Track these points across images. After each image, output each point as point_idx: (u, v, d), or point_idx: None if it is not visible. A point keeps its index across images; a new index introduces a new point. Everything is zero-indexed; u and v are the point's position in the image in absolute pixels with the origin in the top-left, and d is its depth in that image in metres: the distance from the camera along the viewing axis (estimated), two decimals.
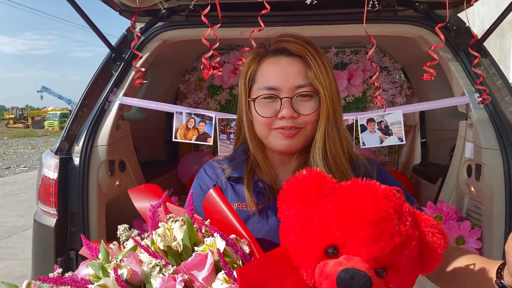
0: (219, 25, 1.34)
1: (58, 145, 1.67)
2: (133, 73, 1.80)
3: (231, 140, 1.74)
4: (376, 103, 1.89)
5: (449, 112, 2.14)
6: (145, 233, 0.81)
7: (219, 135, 1.73)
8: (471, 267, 0.81)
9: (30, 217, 6.58)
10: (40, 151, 17.54)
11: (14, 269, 4.09)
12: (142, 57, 1.78)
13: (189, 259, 0.69)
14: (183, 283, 0.66)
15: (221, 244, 0.69)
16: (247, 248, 0.74)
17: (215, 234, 0.71)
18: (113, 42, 1.88)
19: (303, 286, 0.67)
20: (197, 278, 0.67)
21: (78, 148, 1.66)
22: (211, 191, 0.83)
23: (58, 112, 44.68)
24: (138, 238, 0.79)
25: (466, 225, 1.64)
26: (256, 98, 0.90)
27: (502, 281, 0.70)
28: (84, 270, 0.80)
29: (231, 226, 0.78)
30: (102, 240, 0.83)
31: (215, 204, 0.81)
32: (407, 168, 2.69)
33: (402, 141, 1.63)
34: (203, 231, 0.76)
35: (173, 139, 1.75)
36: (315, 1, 1.50)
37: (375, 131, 1.63)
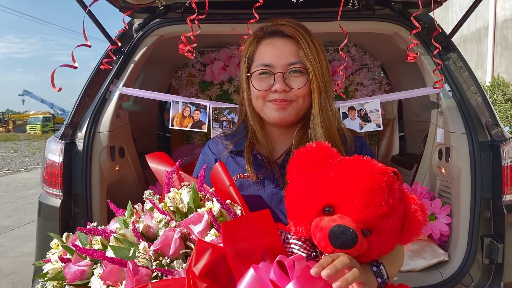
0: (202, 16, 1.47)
1: (62, 132, 1.79)
2: (132, 65, 1.94)
3: (223, 127, 1.88)
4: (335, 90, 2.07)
5: (423, 105, 2.32)
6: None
7: (213, 123, 1.87)
8: None
9: (16, 218, 6.62)
10: (23, 154, 17.35)
11: (4, 266, 4.12)
12: (142, 49, 1.91)
13: (189, 216, 0.85)
14: (180, 234, 0.81)
15: (216, 207, 0.84)
16: (239, 211, 0.89)
17: (214, 199, 0.87)
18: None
19: (278, 244, 0.82)
20: (193, 232, 0.82)
21: (81, 134, 1.78)
22: (217, 165, 0.97)
23: (41, 116, 44.00)
24: (156, 201, 0.94)
25: (437, 203, 1.81)
26: (254, 73, 1.04)
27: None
28: (113, 225, 0.95)
29: (230, 194, 0.93)
30: (129, 201, 0.98)
31: (219, 176, 0.96)
32: (386, 159, 2.87)
33: (379, 127, 1.80)
34: (207, 196, 0.91)
35: (170, 127, 1.88)
36: (301, 0, 1.67)
37: (355, 118, 1.79)
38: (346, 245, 0.77)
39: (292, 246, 0.86)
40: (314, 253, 0.85)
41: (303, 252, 0.85)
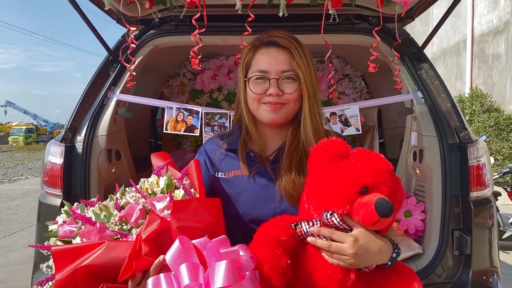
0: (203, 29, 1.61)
1: (62, 135, 1.89)
2: (128, 73, 2.06)
3: (214, 131, 2.01)
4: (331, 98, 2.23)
5: (400, 112, 2.49)
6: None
7: (204, 127, 2.00)
8: None
9: (1, 228, 6.60)
10: (5, 166, 17.08)
11: None
12: (135, 61, 2.04)
13: (155, 197, 1.03)
14: (142, 206, 0.99)
15: (182, 193, 1.02)
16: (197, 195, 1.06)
17: (180, 187, 1.05)
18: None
19: (220, 227, 0.97)
20: (155, 207, 0.99)
21: (80, 137, 1.89)
22: (192, 162, 1.11)
23: (23, 127, 43.38)
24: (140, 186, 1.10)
25: (412, 201, 1.97)
26: (251, 78, 1.18)
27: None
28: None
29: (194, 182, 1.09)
30: (123, 185, 1.12)
31: (192, 169, 1.11)
32: None
33: (359, 131, 1.96)
34: (177, 185, 1.07)
35: (164, 131, 2.00)
36: (286, 14, 1.83)
37: (336, 123, 1.95)
38: (388, 213, 0.93)
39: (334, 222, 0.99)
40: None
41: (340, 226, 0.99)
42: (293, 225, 1.04)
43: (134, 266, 0.87)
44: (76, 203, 1.15)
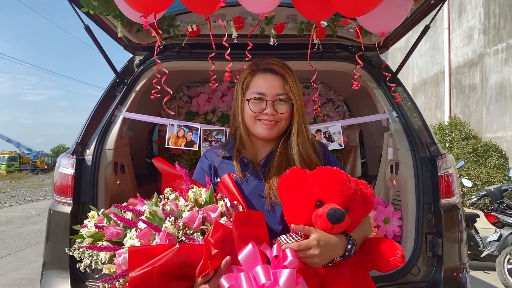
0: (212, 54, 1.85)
1: (73, 149, 2.07)
2: (133, 94, 2.27)
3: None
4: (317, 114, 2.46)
5: (379, 131, 2.74)
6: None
7: (203, 142, 2.21)
8: None
9: None
10: None
11: None
12: (142, 81, 2.26)
13: (208, 206, 1.22)
14: (202, 215, 1.17)
15: (228, 204, 1.24)
16: (240, 208, 1.27)
17: (226, 199, 1.26)
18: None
19: (264, 235, 1.18)
20: (210, 216, 1.19)
21: (89, 151, 2.07)
22: (225, 176, 1.34)
23: (6, 156, 42.71)
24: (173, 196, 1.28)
25: (390, 209, 2.18)
26: (250, 99, 1.40)
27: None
28: (139, 207, 1.27)
29: (235, 197, 1.31)
30: (155, 193, 1.31)
31: (227, 184, 1.33)
32: None
33: (341, 146, 2.19)
34: (218, 197, 1.26)
35: (166, 146, 2.20)
36: (276, 43, 2.08)
37: (322, 139, 2.18)
38: (339, 220, 1.16)
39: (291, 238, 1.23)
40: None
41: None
42: (279, 237, 1.27)
43: (212, 262, 1.05)
44: (102, 209, 1.31)
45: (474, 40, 10.49)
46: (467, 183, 6.48)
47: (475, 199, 5.95)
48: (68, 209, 1.98)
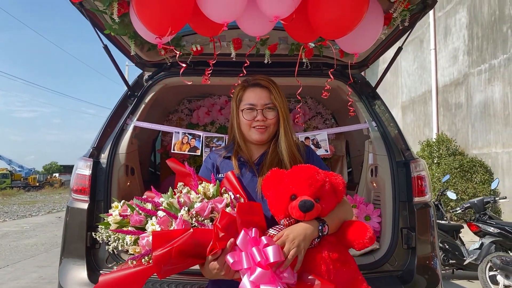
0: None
1: (90, 153, 2.34)
2: (143, 105, 2.55)
3: None
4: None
5: (362, 141, 3.04)
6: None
7: (204, 148, 2.49)
8: None
9: None
10: None
11: None
12: (150, 94, 2.54)
13: (216, 198, 1.49)
14: (211, 206, 1.43)
15: (232, 196, 1.52)
16: (242, 200, 1.54)
17: (230, 193, 1.54)
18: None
19: (262, 222, 1.46)
20: (217, 206, 1.47)
21: (104, 155, 2.34)
22: (229, 173, 1.63)
23: None
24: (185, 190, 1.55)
25: (370, 207, 2.46)
26: (243, 109, 1.69)
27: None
28: (157, 199, 1.54)
29: (238, 190, 1.59)
30: (170, 188, 1.57)
31: (231, 179, 1.61)
32: None
33: (327, 151, 2.48)
34: (222, 190, 1.54)
35: (171, 151, 2.47)
36: (270, 62, 2.38)
37: (310, 145, 2.46)
38: (309, 209, 1.43)
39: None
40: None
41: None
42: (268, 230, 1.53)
43: (220, 242, 1.33)
44: (122, 201, 1.57)
45: (459, 60, 10.95)
46: (452, 195, 6.79)
47: (460, 211, 6.24)
48: (85, 205, 2.23)
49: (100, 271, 2.16)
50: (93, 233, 1.59)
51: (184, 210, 1.44)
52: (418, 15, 2.07)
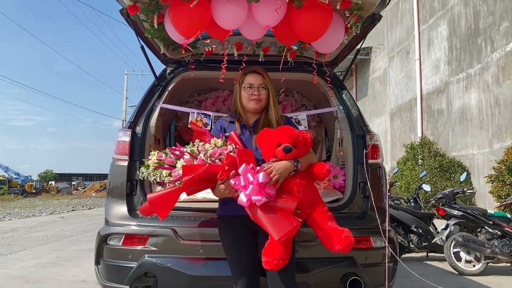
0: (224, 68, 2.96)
1: (128, 125, 3.13)
2: (166, 92, 3.36)
3: None
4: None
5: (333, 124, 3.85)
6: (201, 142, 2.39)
7: (212, 124, 3.29)
8: None
9: (5, 249, 7.54)
10: None
11: None
12: (172, 84, 3.35)
13: (223, 147, 2.30)
14: (219, 152, 2.24)
15: (231, 147, 2.32)
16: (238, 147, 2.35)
17: (232, 144, 2.35)
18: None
19: (253, 161, 2.28)
20: (224, 152, 2.28)
21: (139, 128, 3.13)
22: (232, 133, 2.43)
23: None
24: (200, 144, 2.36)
25: (337, 169, 3.27)
26: (245, 87, 2.52)
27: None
28: (182, 148, 2.34)
29: (237, 143, 2.39)
30: (190, 141, 2.39)
31: (233, 137, 2.42)
32: None
33: (306, 127, 3.29)
34: (227, 143, 2.35)
35: (189, 126, 3.28)
36: (263, 60, 3.21)
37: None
38: (289, 151, 2.25)
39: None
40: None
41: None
42: (262, 165, 2.33)
43: (226, 172, 2.13)
44: (157, 153, 2.38)
45: (441, 70, 11.86)
46: (427, 188, 7.63)
47: (433, 201, 7.06)
48: (125, 163, 3.02)
49: (136, 211, 2.94)
50: (138, 170, 2.37)
51: (202, 153, 2.25)
52: (369, 26, 2.90)
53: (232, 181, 2.15)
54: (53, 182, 61.19)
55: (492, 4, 9.40)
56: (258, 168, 2.24)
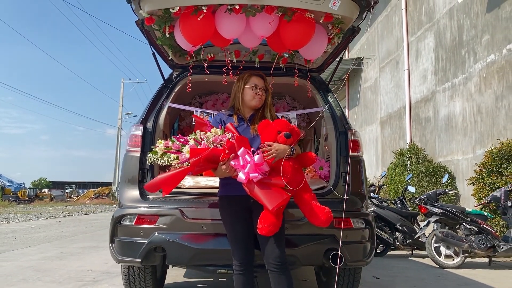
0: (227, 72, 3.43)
1: (139, 121, 3.57)
2: (173, 93, 3.81)
3: None
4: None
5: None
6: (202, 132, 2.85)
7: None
8: None
9: (9, 246, 8.02)
10: None
11: None
12: (178, 86, 3.81)
13: (222, 135, 2.76)
14: (220, 139, 2.70)
15: (230, 136, 2.77)
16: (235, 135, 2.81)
17: (230, 133, 2.80)
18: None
19: (248, 146, 2.75)
20: (224, 139, 2.73)
21: (149, 124, 3.58)
22: (229, 124, 2.88)
23: None
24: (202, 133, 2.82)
25: (323, 161, 3.74)
26: (250, 87, 2.98)
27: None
28: (187, 136, 2.80)
29: (234, 132, 2.85)
30: (193, 131, 2.85)
31: (230, 127, 2.87)
32: None
33: (295, 125, 3.75)
34: (226, 133, 2.81)
35: (193, 123, 3.73)
36: (258, 66, 3.68)
37: None
38: (289, 137, 2.73)
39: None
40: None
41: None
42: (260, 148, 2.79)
43: (227, 155, 2.58)
44: (163, 140, 2.83)
45: (428, 79, 12.41)
46: (412, 189, 8.10)
47: (418, 202, 7.52)
48: (138, 154, 3.46)
49: (147, 197, 3.37)
50: (147, 156, 2.81)
51: (205, 139, 2.71)
52: (350, 37, 3.39)
53: (232, 162, 2.60)
54: (46, 190, 61.02)
55: (475, 18, 9.99)
56: (257, 150, 2.69)
